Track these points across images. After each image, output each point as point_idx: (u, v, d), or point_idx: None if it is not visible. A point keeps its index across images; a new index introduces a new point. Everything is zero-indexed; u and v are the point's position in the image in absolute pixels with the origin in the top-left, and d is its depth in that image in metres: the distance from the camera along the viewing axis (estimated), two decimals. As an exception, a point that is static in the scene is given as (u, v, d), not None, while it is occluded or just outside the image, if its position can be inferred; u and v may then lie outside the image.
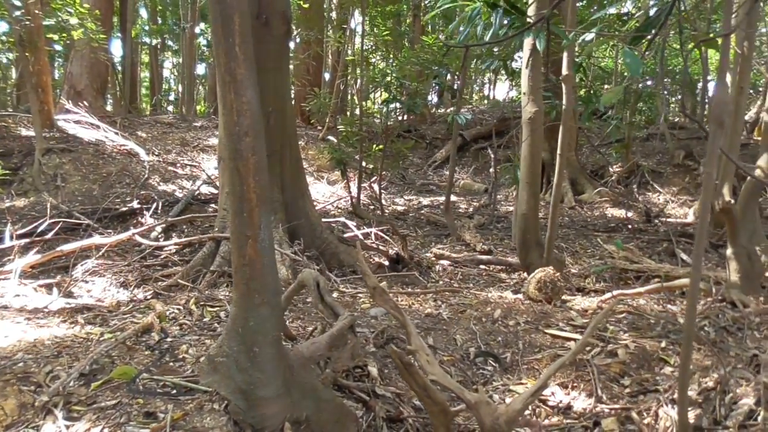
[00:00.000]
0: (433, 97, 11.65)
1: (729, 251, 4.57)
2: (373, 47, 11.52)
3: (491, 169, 11.89)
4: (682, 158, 12.75)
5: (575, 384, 3.52)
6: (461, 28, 3.55)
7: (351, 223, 7.36)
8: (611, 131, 9.23)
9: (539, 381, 2.43)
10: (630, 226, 9.46)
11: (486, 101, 21.38)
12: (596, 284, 6.30)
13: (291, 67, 19.31)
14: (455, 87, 10.20)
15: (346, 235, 6.82)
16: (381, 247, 6.66)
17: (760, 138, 17.04)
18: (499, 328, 4.08)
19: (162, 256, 5.89)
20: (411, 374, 2.39)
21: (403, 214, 10.49)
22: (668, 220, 10.01)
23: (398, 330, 3.84)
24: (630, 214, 10.46)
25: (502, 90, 25.92)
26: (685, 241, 8.06)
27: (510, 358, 3.72)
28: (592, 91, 7.70)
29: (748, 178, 4.80)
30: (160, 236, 6.55)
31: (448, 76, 9.54)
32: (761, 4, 5.01)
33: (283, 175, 5.97)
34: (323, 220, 7.44)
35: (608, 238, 8.47)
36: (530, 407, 3.32)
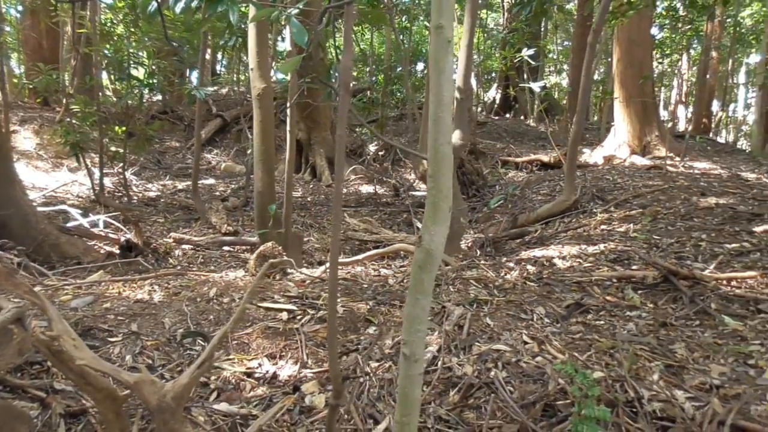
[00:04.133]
0: (188, 77, 11.15)
1: (433, 216, 5.02)
2: (115, 21, 10.60)
3: (249, 150, 11.76)
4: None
5: (283, 353, 3.59)
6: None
7: (74, 211, 6.72)
8: (359, 111, 9.63)
9: (204, 352, 2.41)
10: (377, 201, 10.03)
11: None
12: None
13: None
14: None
15: (70, 225, 6.22)
16: (111, 235, 6.20)
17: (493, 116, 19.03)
18: (213, 306, 4.02)
19: None
20: (63, 362, 2.20)
21: (155, 200, 9.95)
22: (413, 193, 10.79)
23: (97, 319, 3.59)
24: (381, 190, 11.08)
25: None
26: (422, 212, 8.75)
27: (220, 335, 3.67)
28: (330, 70, 7.93)
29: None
30: None
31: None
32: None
33: (-20, 161, 5.25)
34: (46, 209, 6.73)
35: (355, 212, 8.88)
36: (234, 381, 3.32)
